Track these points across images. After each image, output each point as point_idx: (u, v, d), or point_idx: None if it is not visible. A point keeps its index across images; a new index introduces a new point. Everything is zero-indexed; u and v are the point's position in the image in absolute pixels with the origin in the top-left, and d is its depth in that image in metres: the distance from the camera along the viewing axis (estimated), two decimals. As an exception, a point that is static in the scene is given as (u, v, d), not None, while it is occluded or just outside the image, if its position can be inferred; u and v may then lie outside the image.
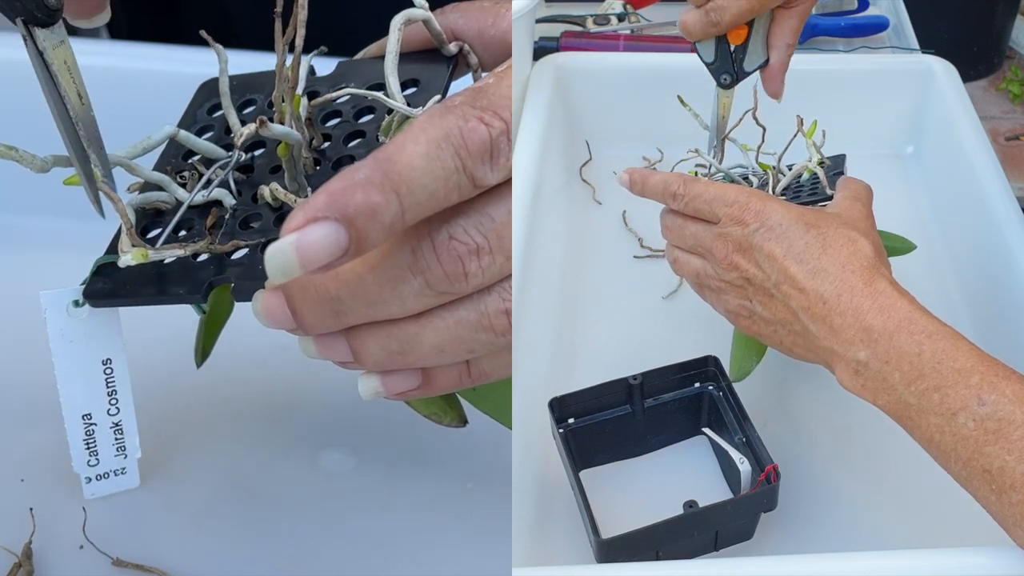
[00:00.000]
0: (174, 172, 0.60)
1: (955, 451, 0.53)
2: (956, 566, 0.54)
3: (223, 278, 0.54)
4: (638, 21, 1.13)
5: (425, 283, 0.47)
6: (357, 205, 0.44)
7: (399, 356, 0.49)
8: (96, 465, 0.62)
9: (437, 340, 0.49)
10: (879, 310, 0.56)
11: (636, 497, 0.67)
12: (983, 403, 0.52)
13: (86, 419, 0.60)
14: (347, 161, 0.57)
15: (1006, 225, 0.78)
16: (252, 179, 0.59)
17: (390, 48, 0.57)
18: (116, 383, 0.60)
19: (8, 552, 0.61)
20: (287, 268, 0.45)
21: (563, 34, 1.07)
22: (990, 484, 0.52)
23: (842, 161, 0.77)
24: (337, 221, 0.44)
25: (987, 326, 0.78)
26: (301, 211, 0.44)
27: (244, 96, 0.64)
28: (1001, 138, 1.75)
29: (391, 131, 0.57)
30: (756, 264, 0.61)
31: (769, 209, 0.61)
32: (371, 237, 0.45)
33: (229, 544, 0.63)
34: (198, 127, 0.63)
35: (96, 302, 0.56)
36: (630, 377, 0.69)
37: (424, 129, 0.46)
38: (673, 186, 0.65)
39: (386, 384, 0.51)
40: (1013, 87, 1.81)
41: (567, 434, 0.67)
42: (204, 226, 0.57)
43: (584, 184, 0.96)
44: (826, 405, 0.71)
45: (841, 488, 0.68)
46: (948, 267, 0.85)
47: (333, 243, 0.44)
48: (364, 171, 0.45)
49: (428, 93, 0.59)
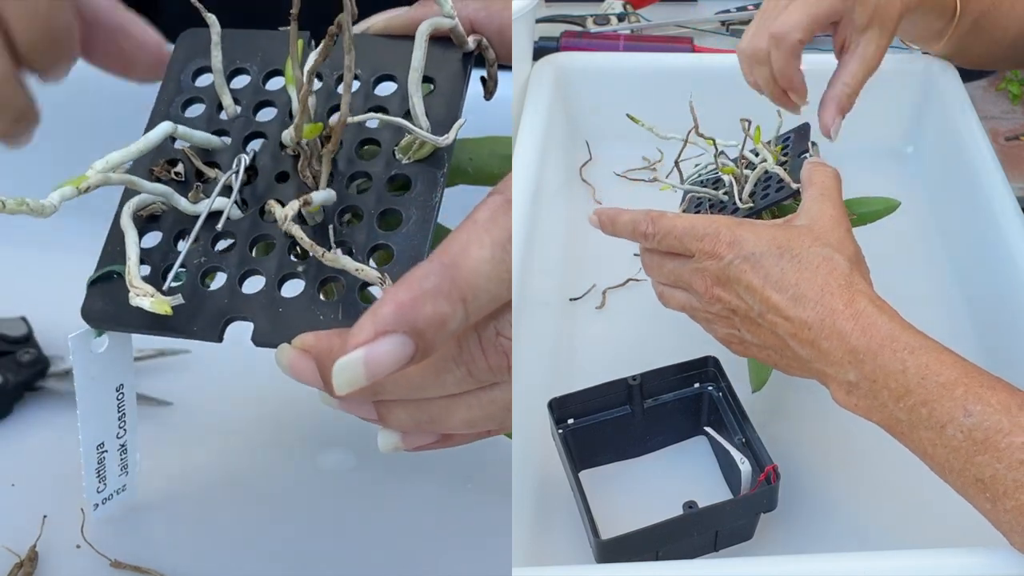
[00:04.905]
0: (165, 164, 0.57)
1: (948, 462, 0.54)
2: (956, 566, 0.55)
3: (241, 317, 0.52)
4: (638, 21, 1.13)
5: (468, 373, 0.47)
6: (427, 318, 0.44)
7: (427, 424, 0.49)
8: (103, 490, 0.61)
9: (468, 417, 0.49)
10: (861, 331, 0.56)
11: (636, 497, 0.67)
12: (969, 414, 0.53)
13: (99, 449, 0.59)
14: (361, 176, 0.55)
15: (1006, 225, 0.78)
16: (256, 186, 0.56)
17: (415, 64, 0.55)
18: (126, 406, 0.59)
19: (9, 552, 0.61)
20: (354, 381, 0.44)
21: (563, 34, 1.07)
22: (984, 492, 0.52)
23: (807, 131, 0.75)
24: (406, 334, 0.44)
25: (987, 326, 0.78)
26: (370, 323, 0.44)
27: (234, 63, 0.60)
28: (1001, 138, 1.74)
29: (411, 151, 0.55)
30: (737, 295, 0.60)
31: (741, 238, 0.60)
32: (437, 345, 0.45)
33: (229, 544, 0.63)
34: (184, 98, 0.59)
35: (97, 322, 0.54)
36: (630, 377, 0.68)
37: (488, 230, 0.45)
38: (642, 225, 0.64)
39: (406, 441, 0.51)
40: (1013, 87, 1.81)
41: (567, 434, 0.67)
42: (208, 241, 0.54)
43: (584, 184, 0.96)
44: (826, 405, 0.71)
45: (841, 488, 0.68)
46: (948, 267, 0.85)
47: (400, 355, 0.44)
48: (432, 280, 0.44)
49: (443, 97, 0.57)
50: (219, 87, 0.58)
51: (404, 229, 0.53)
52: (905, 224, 0.75)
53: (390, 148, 0.56)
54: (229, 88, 0.59)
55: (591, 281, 0.85)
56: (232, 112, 0.58)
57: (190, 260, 0.54)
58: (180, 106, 0.59)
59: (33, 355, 0.72)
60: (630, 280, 0.85)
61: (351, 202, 0.54)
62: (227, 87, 0.59)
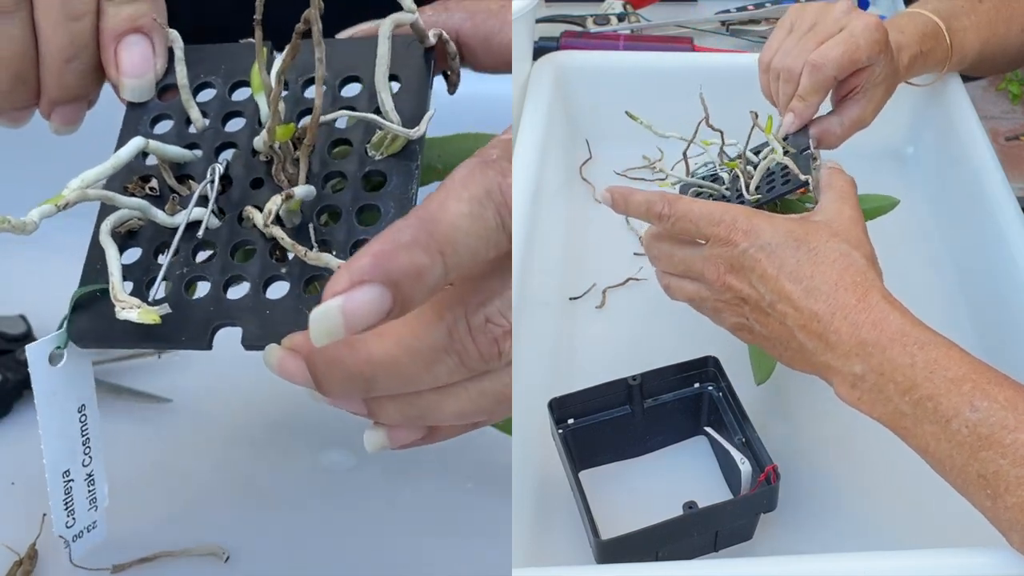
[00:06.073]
0: (139, 181, 0.57)
1: (950, 458, 0.54)
2: (956, 566, 0.55)
3: (229, 322, 0.52)
4: (638, 21, 1.13)
5: (459, 362, 0.47)
6: (403, 268, 0.44)
7: (416, 419, 0.49)
8: (73, 525, 0.58)
9: (458, 408, 0.49)
10: (872, 324, 0.56)
11: (636, 497, 0.67)
12: (976, 409, 0.53)
13: (65, 476, 0.57)
14: (335, 176, 0.55)
15: (1006, 225, 0.78)
16: (231, 195, 0.56)
17: (380, 59, 0.55)
18: (89, 430, 0.57)
19: (9, 550, 0.61)
20: (332, 331, 0.44)
21: (563, 34, 1.07)
22: (985, 489, 0.52)
23: (806, 127, 0.75)
24: (382, 284, 0.43)
25: (987, 326, 0.78)
26: (346, 273, 0.44)
27: (198, 77, 0.60)
28: (1001, 138, 1.74)
29: (383, 147, 0.55)
30: (749, 284, 0.60)
31: (758, 227, 0.60)
32: (415, 299, 0.44)
33: (229, 544, 0.63)
34: (152, 115, 0.59)
35: (86, 342, 0.53)
36: (629, 377, 0.68)
37: (466, 185, 0.45)
38: (657, 206, 0.63)
39: (392, 438, 0.50)
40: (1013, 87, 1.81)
41: (567, 434, 0.67)
42: (189, 252, 0.54)
43: (584, 183, 0.96)
44: (826, 406, 0.71)
45: (841, 488, 0.68)
46: (948, 267, 0.85)
47: (378, 306, 0.43)
48: (408, 232, 0.44)
49: (410, 93, 0.57)
50: (186, 101, 0.59)
51: (383, 223, 0.53)
52: (905, 224, 0.75)
53: (362, 146, 0.56)
54: (196, 102, 0.59)
55: (591, 280, 0.85)
56: (201, 125, 0.58)
57: (172, 272, 0.54)
58: (148, 123, 0.59)
59: (33, 353, 0.72)
60: (630, 279, 0.85)
61: (328, 202, 0.54)
62: (193, 101, 0.59)
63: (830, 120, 0.76)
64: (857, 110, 0.76)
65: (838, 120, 0.76)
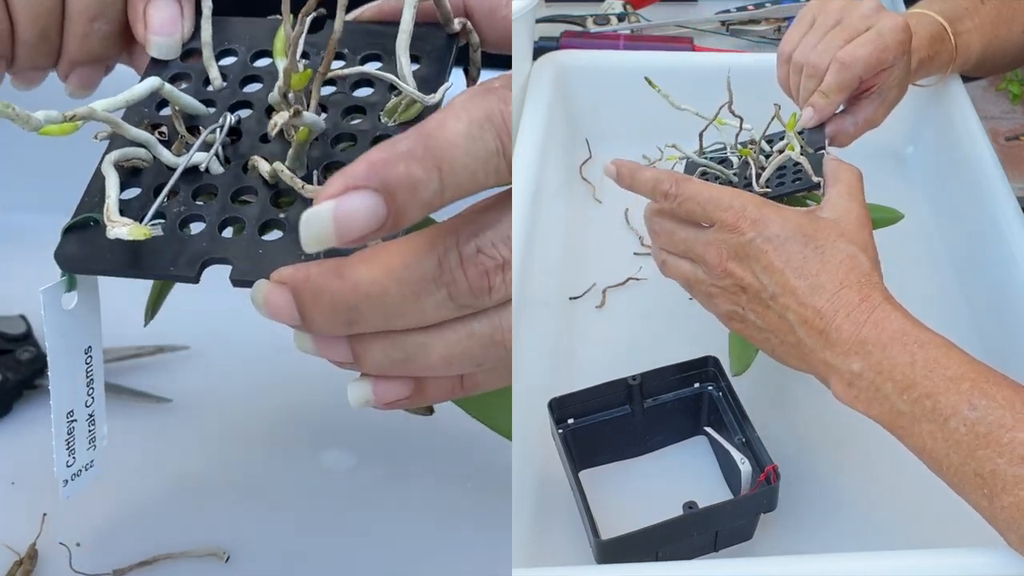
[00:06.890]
0: (149, 126, 0.56)
1: (947, 456, 0.54)
2: (956, 566, 0.55)
3: (220, 259, 0.51)
4: (638, 21, 1.13)
5: (448, 296, 0.46)
6: (399, 177, 0.43)
7: (402, 364, 0.48)
8: (72, 464, 0.58)
9: (447, 352, 0.47)
10: (874, 323, 0.56)
11: (636, 497, 0.67)
12: (974, 408, 0.53)
13: (69, 417, 0.57)
14: (346, 138, 0.55)
15: (1006, 225, 0.78)
16: (239, 147, 0.55)
17: (404, 27, 0.54)
18: (93, 371, 0.57)
19: (9, 549, 0.61)
20: (323, 236, 0.43)
21: (563, 34, 1.07)
22: (982, 488, 0.52)
23: (822, 126, 0.75)
24: (377, 191, 0.43)
25: (988, 326, 0.78)
26: (340, 178, 0.43)
27: (222, 44, 0.60)
28: (1001, 138, 1.74)
29: (396, 113, 0.55)
30: (753, 274, 0.60)
31: (767, 218, 0.60)
32: (409, 212, 0.43)
33: (228, 543, 0.63)
34: (171, 74, 0.59)
35: (72, 266, 0.52)
36: (629, 377, 0.68)
37: (466, 108, 0.45)
38: (664, 184, 0.63)
39: (377, 392, 0.49)
40: (1013, 87, 1.81)
41: (567, 434, 0.67)
42: (189, 194, 0.53)
43: (584, 183, 0.96)
44: (826, 406, 0.71)
45: (841, 488, 0.68)
46: (948, 267, 0.85)
47: (371, 214, 0.43)
48: (406, 143, 0.43)
49: (430, 71, 0.56)
50: (207, 60, 0.58)
51: None
52: (905, 224, 0.75)
53: (376, 113, 0.56)
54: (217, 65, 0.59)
55: (591, 280, 0.85)
56: (219, 85, 0.58)
57: (170, 210, 0.53)
58: (168, 79, 0.58)
59: (32, 353, 0.72)
60: (630, 279, 0.85)
61: (335, 158, 0.54)
62: (214, 60, 0.59)
63: (844, 119, 0.76)
64: (871, 110, 0.76)
65: (852, 120, 0.76)
